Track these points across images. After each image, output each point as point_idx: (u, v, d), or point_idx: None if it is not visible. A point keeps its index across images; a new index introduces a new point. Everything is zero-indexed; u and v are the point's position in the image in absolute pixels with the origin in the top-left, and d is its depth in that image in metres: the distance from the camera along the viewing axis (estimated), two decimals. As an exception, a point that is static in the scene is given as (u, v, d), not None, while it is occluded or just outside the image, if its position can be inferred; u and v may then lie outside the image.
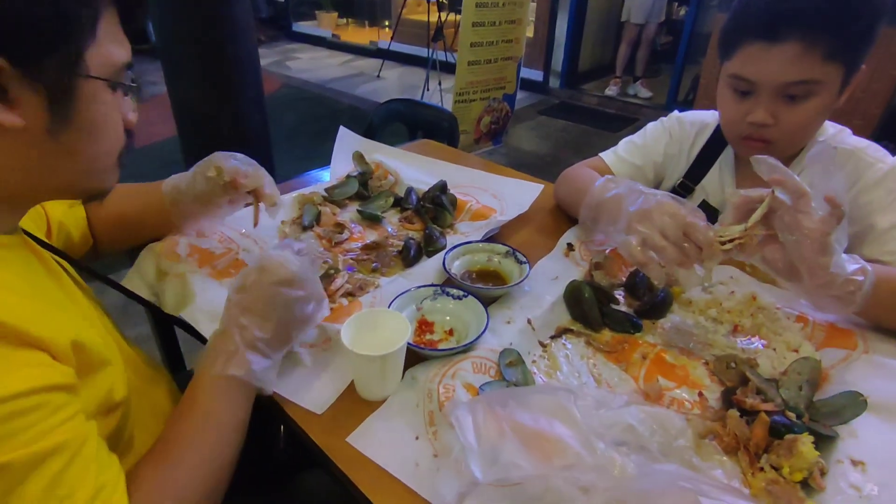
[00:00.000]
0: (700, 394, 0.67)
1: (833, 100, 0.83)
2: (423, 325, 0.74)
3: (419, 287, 0.77)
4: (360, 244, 0.95)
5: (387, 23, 7.26)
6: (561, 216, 1.06)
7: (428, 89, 4.89)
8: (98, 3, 0.48)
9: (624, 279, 0.86)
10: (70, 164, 0.51)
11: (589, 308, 0.77)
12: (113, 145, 0.55)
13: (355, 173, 1.15)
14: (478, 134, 3.84)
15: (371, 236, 0.98)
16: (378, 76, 5.77)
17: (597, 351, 0.73)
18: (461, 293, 0.76)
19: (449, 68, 4.54)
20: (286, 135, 4.21)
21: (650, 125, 1.09)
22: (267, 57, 6.61)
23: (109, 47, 0.50)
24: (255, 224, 0.87)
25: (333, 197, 1.07)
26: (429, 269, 0.85)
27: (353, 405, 0.65)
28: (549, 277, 0.86)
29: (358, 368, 0.64)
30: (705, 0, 4.42)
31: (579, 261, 0.91)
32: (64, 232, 0.76)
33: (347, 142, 1.23)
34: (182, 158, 2.08)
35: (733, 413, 0.60)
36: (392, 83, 5.61)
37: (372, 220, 1.02)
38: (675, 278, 0.84)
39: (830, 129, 0.94)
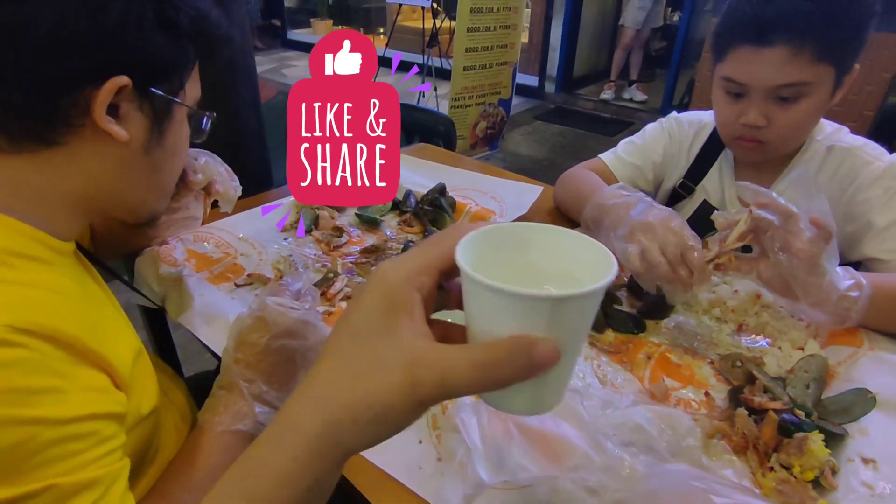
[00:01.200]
0: (706, 393, 0.67)
1: (826, 100, 0.83)
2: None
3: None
4: (359, 248, 0.94)
5: (381, 30, 7.28)
6: (560, 218, 1.05)
7: (423, 95, 4.89)
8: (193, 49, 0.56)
9: (626, 279, 0.86)
10: (152, 180, 0.56)
11: (592, 308, 0.76)
12: (181, 168, 0.62)
13: (353, 177, 1.14)
14: (474, 139, 3.84)
15: (370, 240, 0.97)
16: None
17: (601, 352, 0.73)
18: (462, 295, 0.75)
19: (444, 74, 4.55)
20: (282, 140, 4.20)
21: (649, 126, 1.09)
22: (263, 65, 6.62)
23: (194, 83, 0.57)
24: (203, 219, 0.87)
25: (331, 201, 1.06)
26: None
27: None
28: (551, 279, 0.85)
29: (494, 324, 0.28)
30: (699, 5, 4.46)
31: (580, 261, 0.91)
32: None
33: (345, 146, 1.23)
34: None
35: (741, 412, 0.60)
36: (388, 90, 5.61)
37: (370, 224, 1.01)
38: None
39: (828, 127, 0.94)
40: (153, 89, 0.51)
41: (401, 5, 5.27)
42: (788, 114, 0.83)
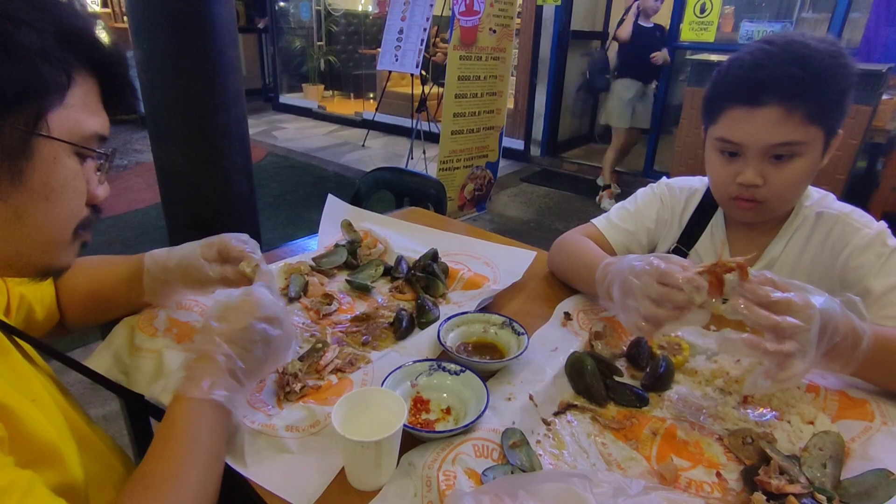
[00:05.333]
0: (718, 474, 0.63)
1: (817, 161, 0.86)
2: (419, 404, 0.69)
3: (414, 362, 0.72)
4: (349, 316, 0.90)
5: (371, 95, 7.55)
6: (555, 284, 1.04)
7: (412, 158, 5.00)
8: (72, 70, 0.48)
9: (625, 349, 0.83)
10: (19, 230, 0.49)
11: (592, 381, 0.73)
12: (70, 216, 0.52)
13: (343, 242, 1.12)
14: (462, 201, 3.90)
15: (361, 307, 0.94)
16: (363, 145, 5.92)
17: (604, 428, 0.69)
18: (458, 368, 0.72)
19: (433, 138, 4.68)
20: (271, 202, 4.23)
21: (640, 191, 1.10)
22: (253, 127, 6.77)
23: (79, 114, 0.49)
24: None
25: (321, 266, 1.04)
26: (422, 341, 0.81)
27: (344, 497, 0.58)
28: (549, 348, 0.82)
29: (350, 456, 0.59)
30: (675, 74, 4.70)
31: (578, 330, 0.88)
32: (25, 307, 0.71)
33: (335, 210, 1.22)
34: (165, 225, 2.05)
35: (758, 497, 0.56)
36: (377, 152, 5.74)
37: (361, 291, 0.98)
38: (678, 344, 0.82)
39: (815, 193, 0.96)
40: None
41: (390, 72, 5.49)
42: (784, 173, 0.85)
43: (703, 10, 4.05)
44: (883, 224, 0.89)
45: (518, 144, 5.63)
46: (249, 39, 8.25)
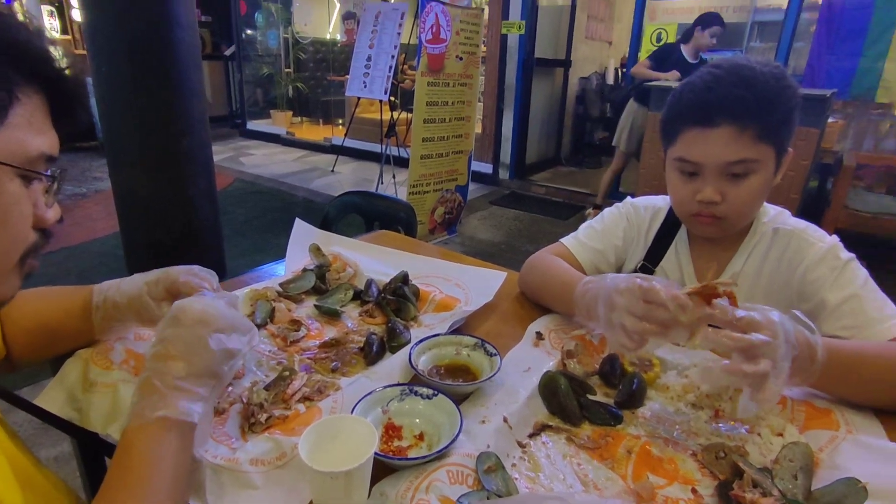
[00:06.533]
0: (694, 490, 0.62)
1: (771, 178, 0.90)
2: (391, 431, 0.67)
3: (385, 387, 0.70)
4: (318, 342, 0.88)
5: (340, 121, 7.57)
6: (526, 304, 1.04)
7: (382, 182, 5.01)
8: (13, 88, 0.45)
9: (598, 367, 0.83)
10: None
11: (566, 400, 0.73)
12: (13, 242, 0.49)
13: (312, 266, 1.10)
14: (432, 224, 3.91)
15: (330, 333, 0.91)
16: (332, 171, 5.90)
17: (580, 448, 0.68)
18: (431, 392, 0.70)
19: (402, 162, 4.70)
20: (238, 228, 4.15)
21: (607, 211, 1.12)
22: (220, 153, 6.68)
23: (24, 134, 0.46)
24: None
25: (289, 292, 1.01)
26: (394, 366, 0.79)
27: (313, 533, 0.55)
28: (522, 369, 0.81)
29: (318, 488, 0.56)
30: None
31: (550, 350, 0.88)
32: None
33: (303, 234, 1.20)
34: (124, 255, 1.98)
35: (734, 512, 0.56)
36: (347, 177, 5.73)
37: (330, 316, 0.96)
38: (649, 360, 0.82)
39: (772, 210, 1.00)
40: None
41: (359, 98, 5.53)
42: (741, 189, 0.88)
43: (658, 39, 4.24)
44: (835, 238, 0.93)
45: (487, 168, 5.71)
46: (216, 66, 8.21)
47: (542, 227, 4.49)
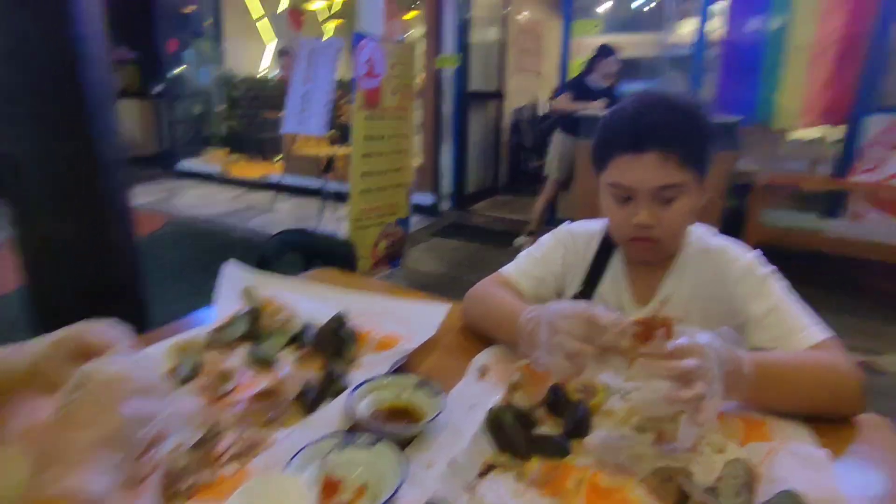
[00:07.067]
0: (644, 518, 0.62)
1: (697, 199, 0.94)
2: (329, 487, 0.63)
3: (322, 438, 0.66)
4: (250, 393, 0.82)
5: (278, 157, 7.42)
6: (470, 336, 1.02)
7: (324, 218, 4.93)
8: None
9: (543, 397, 0.82)
10: None
11: (513, 435, 0.71)
12: None
13: (244, 311, 1.04)
14: (375, 259, 3.85)
15: (264, 382, 0.85)
16: (272, 208, 5.75)
17: (529, 486, 0.66)
18: (372, 439, 0.66)
19: (343, 197, 4.65)
20: (172, 273, 3.92)
21: (544, 238, 1.14)
22: (150, 194, 6.37)
23: None
24: None
25: (219, 341, 0.95)
26: (332, 413, 0.75)
27: None
28: (466, 406, 0.79)
29: None
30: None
31: (495, 383, 0.86)
32: None
33: (235, 277, 1.14)
34: (28, 314, 1.75)
35: (683, 538, 0.55)
36: (286, 215, 5.59)
37: (264, 364, 0.90)
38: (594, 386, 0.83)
39: (699, 230, 1.05)
40: None
41: (296, 134, 5.46)
42: (671, 213, 0.92)
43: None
44: (756, 252, 0.98)
45: (428, 200, 5.75)
46: (145, 105, 7.93)
47: (484, 255, 4.54)
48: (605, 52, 4.19)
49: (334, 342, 0.93)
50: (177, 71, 7.91)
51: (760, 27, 3.97)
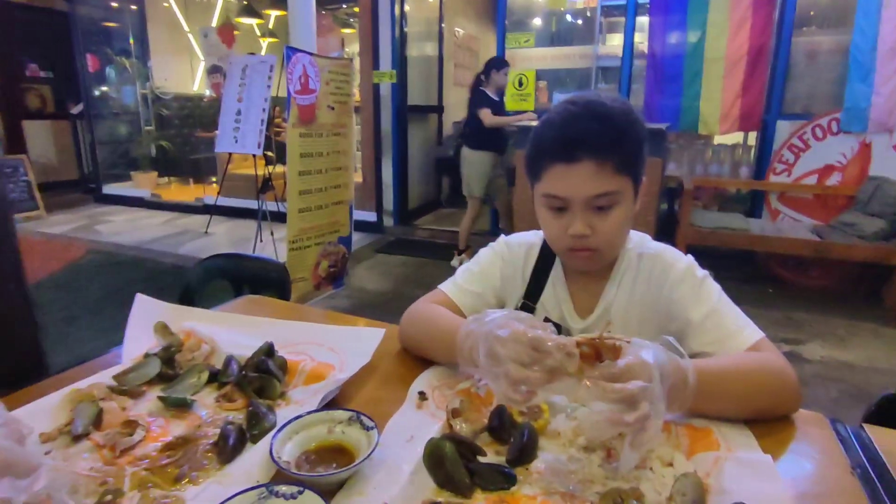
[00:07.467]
0: (595, 548, 0.58)
1: (632, 206, 0.93)
2: (246, 551, 0.55)
3: (237, 495, 0.58)
4: (160, 444, 0.72)
5: (213, 178, 7.11)
6: (407, 360, 0.97)
7: (261, 240, 4.73)
8: None
9: (486, 422, 0.77)
10: None
11: (454, 469, 0.65)
12: None
13: (157, 349, 0.94)
14: (317, 279, 3.72)
15: (177, 429, 0.76)
16: (206, 232, 5.47)
17: (473, 524, 0.61)
18: (295, 490, 0.59)
19: (281, 217, 4.49)
20: (92, 307, 3.63)
21: (482, 251, 1.11)
22: (69, 223, 5.93)
23: None
24: None
25: (125, 385, 0.84)
26: (253, 461, 0.67)
27: None
28: (404, 439, 0.73)
29: None
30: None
31: (435, 410, 0.81)
32: None
33: (147, 312, 1.03)
34: None
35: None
36: (221, 238, 5.34)
37: (179, 408, 0.81)
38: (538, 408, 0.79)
39: (635, 237, 1.04)
40: None
41: (231, 154, 5.25)
42: (608, 221, 0.90)
43: (521, 84, 4.57)
44: (690, 258, 0.99)
45: (370, 216, 5.66)
46: (62, 126, 7.42)
47: (428, 270, 4.49)
48: (498, 63, 4.09)
49: (259, 377, 0.85)
50: (99, 90, 7.45)
51: (680, 40, 4.20)
